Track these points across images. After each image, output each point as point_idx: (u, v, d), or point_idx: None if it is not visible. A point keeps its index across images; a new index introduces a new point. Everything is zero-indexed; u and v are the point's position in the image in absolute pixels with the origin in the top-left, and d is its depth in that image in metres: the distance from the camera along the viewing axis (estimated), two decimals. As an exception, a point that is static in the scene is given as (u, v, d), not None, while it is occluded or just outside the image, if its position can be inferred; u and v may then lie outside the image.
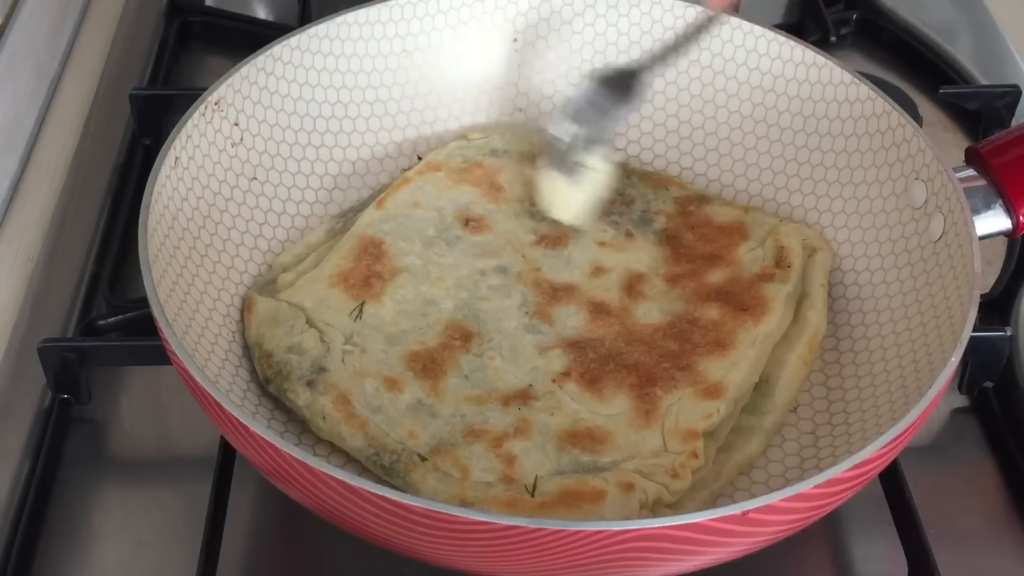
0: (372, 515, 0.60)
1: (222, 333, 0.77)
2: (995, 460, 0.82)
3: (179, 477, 0.80)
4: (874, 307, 0.81)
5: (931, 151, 0.79)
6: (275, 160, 0.86)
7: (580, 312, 0.80)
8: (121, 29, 1.13)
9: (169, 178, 0.76)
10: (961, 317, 0.70)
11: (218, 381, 0.73)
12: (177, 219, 0.77)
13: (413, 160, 0.92)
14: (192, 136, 0.79)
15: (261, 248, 0.84)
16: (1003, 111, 1.04)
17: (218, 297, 0.78)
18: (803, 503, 0.62)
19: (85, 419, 0.82)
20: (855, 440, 0.73)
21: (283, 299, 0.79)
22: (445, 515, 0.58)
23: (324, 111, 0.89)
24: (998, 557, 0.77)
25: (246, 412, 0.65)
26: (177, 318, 0.71)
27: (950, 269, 0.75)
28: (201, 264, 0.78)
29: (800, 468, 0.74)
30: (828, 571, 0.76)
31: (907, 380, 0.73)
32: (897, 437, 0.64)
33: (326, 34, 0.88)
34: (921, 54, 1.12)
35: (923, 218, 0.79)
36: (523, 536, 0.58)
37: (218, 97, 0.81)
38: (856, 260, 0.84)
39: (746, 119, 0.90)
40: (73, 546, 0.75)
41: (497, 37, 0.93)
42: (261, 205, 0.85)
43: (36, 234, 0.94)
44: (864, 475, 0.64)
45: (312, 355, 0.76)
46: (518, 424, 0.73)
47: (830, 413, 0.77)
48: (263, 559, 0.76)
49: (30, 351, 0.81)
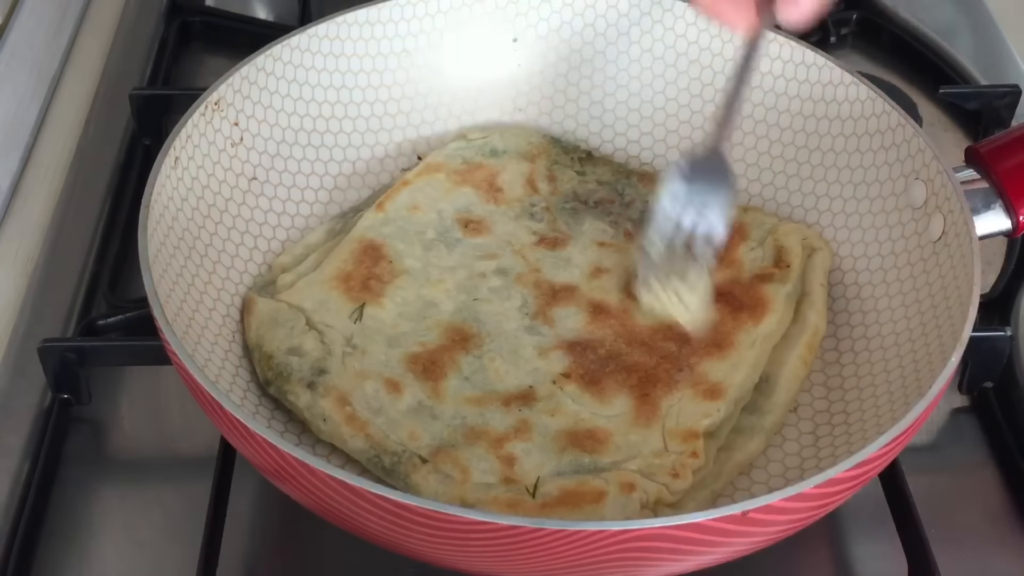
0: (373, 515, 0.60)
1: (222, 333, 0.77)
2: (995, 460, 0.82)
3: (179, 477, 0.80)
4: (874, 307, 0.81)
5: (931, 151, 0.79)
6: (275, 160, 0.86)
7: (580, 313, 0.80)
8: (121, 29, 1.13)
9: (169, 178, 0.76)
10: (961, 317, 0.70)
11: (218, 381, 0.73)
12: (177, 219, 0.77)
13: (413, 160, 0.92)
14: (192, 136, 0.79)
15: (261, 248, 0.84)
16: (1003, 111, 1.04)
17: (218, 297, 0.78)
18: (803, 503, 0.62)
19: (85, 419, 0.82)
20: (855, 440, 0.73)
21: (283, 300, 0.79)
22: (446, 515, 0.58)
23: (324, 111, 0.89)
24: (998, 557, 0.77)
25: (246, 412, 0.65)
26: (177, 318, 0.71)
27: (950, 269, 0.75)
28: (201, 264, 0.78)
29: (800, 468, 0.74)
30: (828, 571, 0.76)
31: (907, 380, 0.73)
32: (897, 437, 0.64)
33: (326, 34, 0.88)
34: (921, 54, 1.12)
35: (923, 218, 0.79)
36: (524, 536, 0.58)
37: (218, 97, 0.81)
38: (856, 260, 0.84)
39: (746, 119, 0.90)
40: (73, 546, 0.75)
41: (497, 37, 0.93)
42: (261, 205, 0.85)
43: (36, 234, 0.94)
44: (864, 475, 0.64)
45: (312, 357, 0.76)
46: (519, 425, 0.73)
47: (830, 413, 0.77)
48: (263, 559, 0.76)
49: (30, 351, 0.81)
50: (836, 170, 0.86)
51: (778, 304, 0.80)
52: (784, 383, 0.77)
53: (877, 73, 1.09)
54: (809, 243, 0.84)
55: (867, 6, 1.15)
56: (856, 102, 0.85)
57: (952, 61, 1.10)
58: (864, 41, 1.14)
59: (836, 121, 0.86)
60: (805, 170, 0.88)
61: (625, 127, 0.93)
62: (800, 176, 0.88)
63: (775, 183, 0.89)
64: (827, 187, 0.87)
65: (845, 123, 0.86)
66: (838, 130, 0.86)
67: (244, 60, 0.84)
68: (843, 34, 1.14)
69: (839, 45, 1.13)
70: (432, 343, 0.78)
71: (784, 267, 0.82)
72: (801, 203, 0.88)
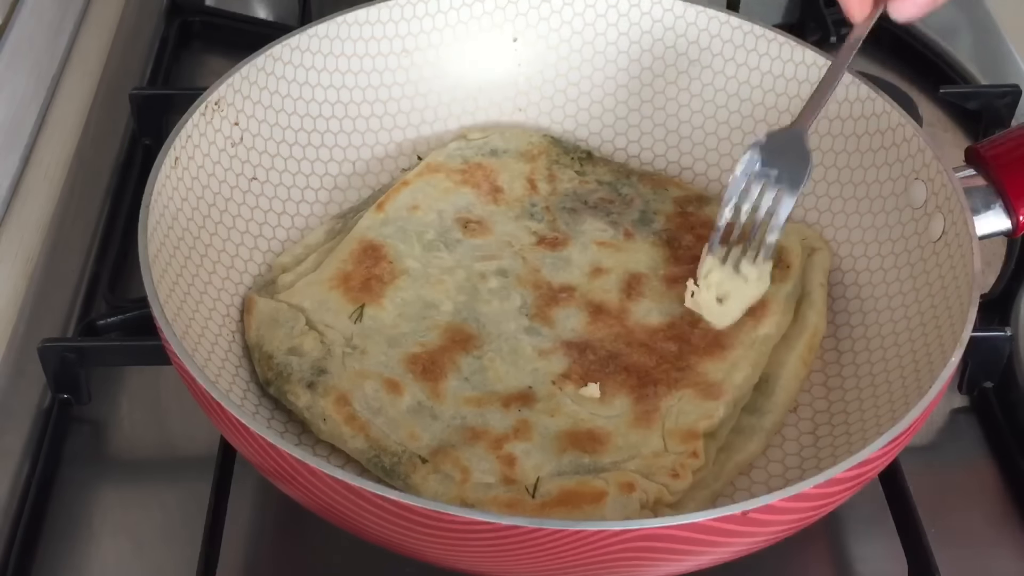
0: (373, 515, 0.60)
1: (222, 333, 0.77)
2: (995, 460, 0.82)
3: (179, 477, 0.80)
4: (874, 307, 0.81)
5: (931, 151, 0.79)
6: (275, 160, 0.86)
7: (579, 313, 0.80)
8: (121, 29, 1.13)
9: (169, 178, 0.76)
10: (961, 317, 0.70)
11: (218, 381, 0.73)
12: (177, 219, 0.77)
13: (413, 160, 0.92)
14: (192, 136, 0.79)
15: (261, 248, 0.84)
16: (1003, 111, 1.04)
17: (218, 297, 0.78)
18: (803, 503, 0.62)
19: (85, 419, 0.82)
20: (855, 440, 0.73)
21: (283, 300, 0.79)
22: (446, 515, 0.58)
23: (324, 111, 0.89)
24: (998, 557, 0.77)
25: (246, 412, 0.65)
26: (177, 318, 0.71)
27: (950, 269, 0.75)
28: (201, 264, 0.78)
29: (800, 468, 0.74)
30: (828, 571, 0.76)
31: (907, 380, 0.73)
32: (897, 437, 0.64)
33: (326, 34, 0.88)
34: (921, 54, 1.12)
35: (923, 218, 0.79)
36: (523, 536, 0.58)
37: (218, 97, 0.81)
38: (856, 260, 0.84)
39: (746, 119, 0.90)
40: (73, 546, 0.75)
41: (497, 37, 0.93)
42: (261, 205, 0.85)
43: (36, 234, 0.94)
44: (864, 475, 0.64)
45: (312, 356, 0.76)
46: (518, 425, 0.73)
47: (830, 413, 0.77)
48: (263, 558, 0.76)
49: (30, 351, 0.81)
50: (836, 170, 0.86)
51: (778, 304, 0.80)
52: (784, 383, 0.77)
53: (877, 73, 1.09)
54: (809, 243, 0.84)
55: (867, 6, 1.15)
56: (856, 102, 0.85)
57: (952, 61, 1.10)
58: (864, 41, 1.13)
59: (836, 121, 0.86)
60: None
61: (625, 127, 0.93)
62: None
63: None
64: (827, 187, 0.87)
65: (845, 123, 0.86)
66: (838, 130, 0.86)
67: (244, 60, 0.84)
68: (843, 34, 1.13)
69: (839, 45, 1.12)
70: (432, 344, 0.78)
71: (784, 267, 0.82)
72: (801, 202, 0.87)
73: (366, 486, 0.59)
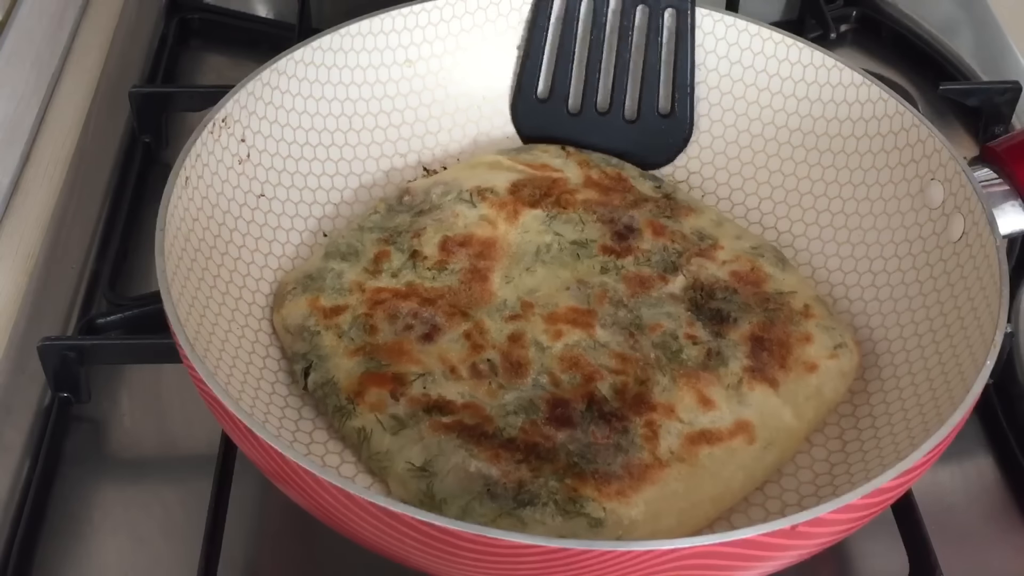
0: (413, 541, 0.59)
1: (242, 345, 0.76)
2: (995, 459, 0.82)
3: (180, 475, 0.79)
4: (893, 308, 0.80)
5: (948, 151, 0.79)
6: (282, 176, 0.85)
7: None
8: (121, 26, 1.11)
9: (180, 198, 0.75)
10: (991, 320, 0.70)
11: (240, 399, 0.72)
12: (189, 240, 0.76)
13: (419, 171, 0.91)
14: (201, 155, 0.78)
15: (271, 266, 0.82)
16: (1003, 108, 1.04)
17: (232, 318, 0.77)
18: (849, 514, 0.61)
19: (85, 417, 0.82)
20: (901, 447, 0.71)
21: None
22: (491, 539, 0.57)
23: (329, 124, 0.87)
24: (999, 555, 0.77)
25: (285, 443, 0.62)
26: (197, 337, 0.71)
27: (973, 270, 0.75)
28: (214, 285, 0.77)
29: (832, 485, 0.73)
30: (829, 569, 0.76)
31: (949, 377, 0.72)
32: (946, 437, 0.64)
33: (330, 46, 0.87)
34: (921, 50, 1.12)
35: (940, 219, 0.79)
36: (572, 558, 0.57)
37: (225, 114, 0.80)
38: (872, 261, 0.83)
39: (753, 122, 0.90)
40: (73, 544, 0.75)
41: (501, 45, 0.92)
42: (270, 222, 0.83)
43: (36, 231, 0.92)
44: (908, 481, 0.64)
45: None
46: None
47: (858, 430, 0.76)
48: (264, 557, 0.76)
49: (30, 349, 0.80)
50: (848, 171, 0.85)
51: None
52: None
53: (877, 70, 1.09)
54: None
55: (867, 3, 1.16)
56: (868, 103, 0.85)
57: (952, 57, 1.10)
58: (864, 38, 1.14)
59: (847, 123, 0.85)
60: (816, 172, 0.87)
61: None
62: (811, 178, 0.87)
63: (785, 186, 0.88)
64: (839, 188, 0.86)
65: (856, 124, 0.85)
66: (849, 131, 0.86)
67: (249, 76, 0.83)
68: (843, 31, 1.14)
69: (839, 42, 1.13)
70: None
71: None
72: (813, 205, 0.87)
73: (410, 512, 0.57)
